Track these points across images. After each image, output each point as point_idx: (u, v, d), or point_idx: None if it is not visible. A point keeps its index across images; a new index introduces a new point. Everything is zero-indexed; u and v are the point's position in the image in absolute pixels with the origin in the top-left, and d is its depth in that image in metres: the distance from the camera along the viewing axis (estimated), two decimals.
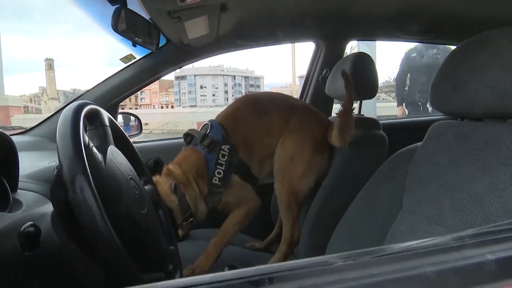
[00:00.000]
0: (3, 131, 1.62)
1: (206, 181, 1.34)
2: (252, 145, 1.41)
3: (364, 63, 1.42)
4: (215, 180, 1.33)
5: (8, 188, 0.84)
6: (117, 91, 1.69)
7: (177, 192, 1.31)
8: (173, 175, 1.34)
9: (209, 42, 1.60)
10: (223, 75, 48.15)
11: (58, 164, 1.14)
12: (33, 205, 0.86)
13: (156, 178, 1.33)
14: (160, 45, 1.63)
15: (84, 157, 0.58)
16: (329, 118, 1.66)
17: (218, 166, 1.34)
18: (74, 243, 0.64)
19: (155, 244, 0.76)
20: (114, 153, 0.73)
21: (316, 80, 1.86)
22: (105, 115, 0.79)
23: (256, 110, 1.46)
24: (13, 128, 1.68)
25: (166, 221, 0.91)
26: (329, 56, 1.80)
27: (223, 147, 1.35)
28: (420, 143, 1.00)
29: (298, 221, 1.40)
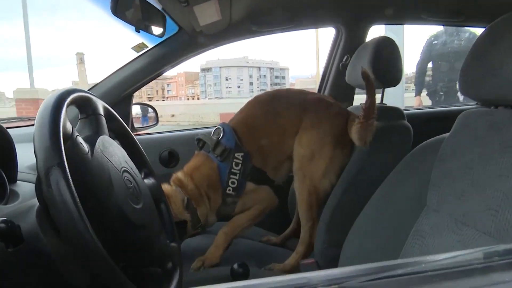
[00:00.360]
0: (15, 121, 1.63)
1: (220, 192, 1.32)
2: (266, 151, 1.36)
3: (387, 48, 1.31)
4: (229, 190, 1.30)
5: (6, 179, 0.82)
6: (129, 82, 1.66)
7: (189, 208, 1.30)
8: (185, 189, 1.32)
9: (222, 29, 1.53)
10: (248, 67, 48.03)
11: None
12: (31, 197, 0.83)
13: (167, 190, 1.30)
14: (172, 33, 1.58)
15: (61, 148, 0.53)
16: (351, 108, 1.56)
17: (231, 176, 1.30)
18: (60, 239, 0.59)
19: (151, 241, 0.71)
20: (106, 143, 0.68)
21: (336, 68, 1.75)
22: (99, 103, 0.74)
23: (268, 113, 1.39)
24: (29, 119, 1.69)
25: (169, 216, 0.86)
26: (350, 42, 1.69)
27: (236, 155, 1.31)
28: (447, 134, 0.90)
29: (317, 222, 1.32)
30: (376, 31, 1.81)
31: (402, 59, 1.38)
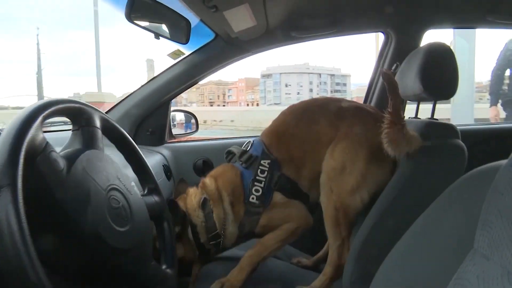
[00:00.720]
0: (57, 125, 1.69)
1: (242, 200, 1.23)
2: (299, 160, 1.26)
3: (440, 55, 1.14)
4: (252, 198, 1.21)
5: None
6: (166, 89, 1.65)
7: (205, 208, 1.24)
8: (206, 189, 1.26)
9: (259, 35, 1.46)
10: (309, 73, 47.68)
11: None
12: None
13: (189, 189, 1.30)
14: (208, 40, 1.54)
15: (17, 166, 0.48)
16: None
17: (256, 183, 1.21)
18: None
19: (138, 266, 0.65)
20: (93, 158, 0.63)
21: None
22: (96, 115, 0.70)
23: (301, 121, 1.29)
24: (65, 123, 1.74)
25: (170, 238, 0.80)
26: (400, 48, 1.51)
27: (262, 162, 1.23)
28: (506, 160, 0.73)
29: (348, 241, 1.19)
30: (443, 36, 1.61)
31: (473, 66, 1.19)
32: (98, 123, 0.69)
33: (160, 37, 1.13)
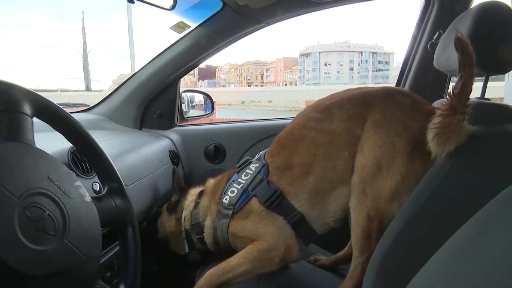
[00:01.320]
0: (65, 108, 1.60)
1: (217, 199, 1.12)
2: (301, 167, 1.04)
3: (496, 18, 0.88)
4: (226, 199, 1.08)
5: None
6: (172, 67, 1.49)
7: (199, 198, 1.20)
8: (206, 184, 1.24)
9: (271, 2, 1.24)
10: (349, 52, 45.99)
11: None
12: None
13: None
14: (215, 10, 1.35)
15: None
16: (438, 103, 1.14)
17: (234, 185, 1.09)
18: None
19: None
20: (6, 155, 0.48)
21: (422, 50, 1.33)
22: (23, 96, 0.54)
23: (311, 120, 1.07)
24: (75, 105, 1.65)
25: (135, 250, 0.64)
26: (444, 12, 1.24)
27: (251, 166, 1.10)
28: None
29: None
30: None
31: None
32: (26, 107, 0.54)
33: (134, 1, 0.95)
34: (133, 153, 1.26)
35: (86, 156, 0.64)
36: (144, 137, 1.51)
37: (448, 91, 0.83)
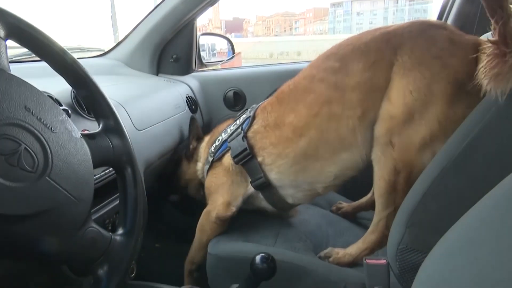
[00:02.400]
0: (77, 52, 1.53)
1: (210, 145, 1.14)
2: (291, 128, 0.96)
3: None
4: (213, 146, 1.09)
5: None
6: (187, 5, 1.37)
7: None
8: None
9: None
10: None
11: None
12: None
13: None
14: None
15: None
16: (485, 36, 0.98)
17: (223, 133, 1.09)
18: None
19: (53, 235, 0.45)
20: None
21: None
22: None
23: (323, 71, 0.94)
24: (89, 50, 1.58)
25: (134, 192, 0.58)
26: None
27: (241, 116, 1.08)
28: None
29: None
30: None
31: None
32: (1, 29, 0.46)
33: None
34: (145, 98, 1.19)
35: (73, 86, 0.57)
36: (159, 82, 1.44)
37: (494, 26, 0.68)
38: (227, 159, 1.04)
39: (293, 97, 0.98)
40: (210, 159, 1.09)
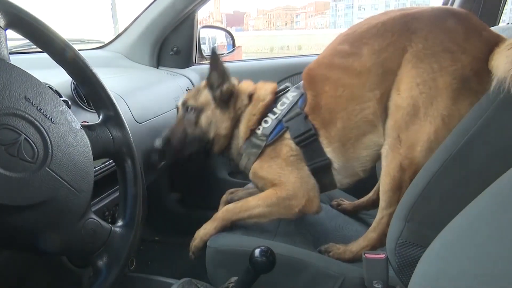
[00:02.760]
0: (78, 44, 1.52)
1: (250, 125, 1.02)
2: (327, 111, 0.93)
3: None
4: (258, 129, 1.00)
5: None
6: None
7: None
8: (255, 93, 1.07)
9: None
10: None
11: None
12: None
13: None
14: None
15: None
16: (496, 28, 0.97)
17: (269, 114, 1.00)
18: None
19: (53, 226, 0.45)
20: None
21: None
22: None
23: (336, 54, 0.93)
24: (89, 42, 1.57)
25: (134, 185, 0.58)
26: None
27: (289, 94, 1.01)
28: None
29: None
30: None
31: None
32: (1, 19, 0.46)
33: None
34: (146, 90, 1.19)
35: (74, 77, 0.56)
36: (159, 75, 1.43)
37: None
38: (288, 141, 0.97)
39: (319, 80, 0.96)
40: (260, 142, 0.99)
